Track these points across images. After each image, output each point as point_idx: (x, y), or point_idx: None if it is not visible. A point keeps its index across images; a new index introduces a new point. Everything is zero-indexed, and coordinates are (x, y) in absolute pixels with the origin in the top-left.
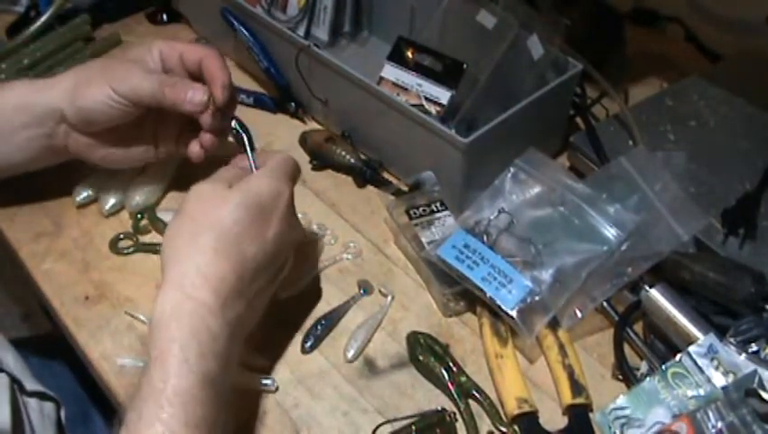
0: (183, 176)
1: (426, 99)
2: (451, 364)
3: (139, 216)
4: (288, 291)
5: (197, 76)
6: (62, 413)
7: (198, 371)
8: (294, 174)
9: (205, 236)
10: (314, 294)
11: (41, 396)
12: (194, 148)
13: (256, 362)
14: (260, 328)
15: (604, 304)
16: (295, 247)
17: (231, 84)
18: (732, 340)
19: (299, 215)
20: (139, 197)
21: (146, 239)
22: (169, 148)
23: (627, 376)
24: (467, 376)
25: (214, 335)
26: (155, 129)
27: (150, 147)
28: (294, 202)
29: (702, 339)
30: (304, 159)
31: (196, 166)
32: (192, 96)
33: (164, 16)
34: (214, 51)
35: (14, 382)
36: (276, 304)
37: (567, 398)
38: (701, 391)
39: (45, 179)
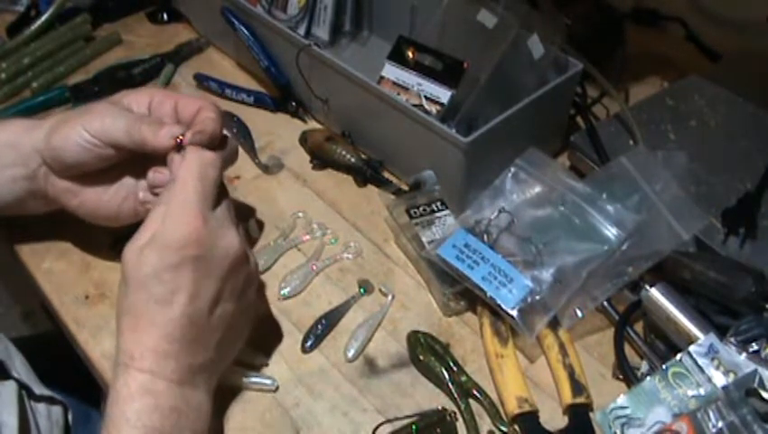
0: None
1: (427, 98)
2: (451, 364)
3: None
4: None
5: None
6: (70, 417)
7: (140, 425)
8: (205, 189)
9: (122, 319)
10: (314, 293)
11: (49, 400)
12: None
13: (255, 361)
14: (260, 328)
15: (605, 303)
16: (242, 254)
17: (216, 135)
18: (732, 339)
19: (299, 214)
20: None
21: None
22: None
23: (627, 376)
24: (467, 376)
25: (155, 393)
26: (136, 189)
27: (128, 204)
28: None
29: (702, 339)
30: (304, 159)
31: None
32: (168, 130)
33: (165, 15)
34: (213, 104)
35: (23, 388)
36: (277, 304)
37: (568, 397)
38: (701, 391)
39: None
